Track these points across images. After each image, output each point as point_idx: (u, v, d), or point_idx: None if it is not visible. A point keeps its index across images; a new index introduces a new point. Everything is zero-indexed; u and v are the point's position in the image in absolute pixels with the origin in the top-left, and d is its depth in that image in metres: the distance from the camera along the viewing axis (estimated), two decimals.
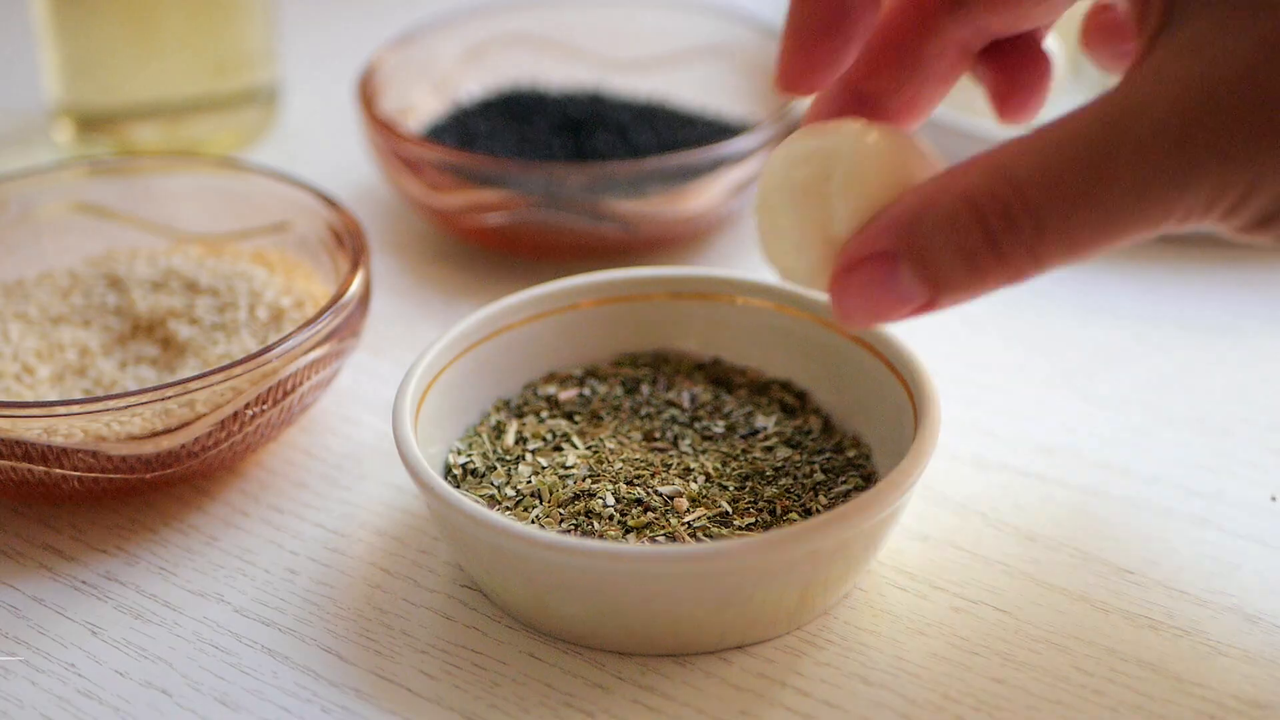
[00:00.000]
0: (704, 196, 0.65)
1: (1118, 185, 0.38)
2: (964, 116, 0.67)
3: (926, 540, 0.52)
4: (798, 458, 0.51)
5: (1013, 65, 0.46)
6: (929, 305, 0.40)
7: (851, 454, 0.52)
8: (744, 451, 0.51)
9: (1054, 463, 0.55)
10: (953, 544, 0.52)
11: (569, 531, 0.47)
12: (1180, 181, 0.38)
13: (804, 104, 0.68)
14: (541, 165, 0.66)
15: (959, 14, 0.44)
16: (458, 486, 0.50)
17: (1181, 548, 0.51)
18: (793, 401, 0.54)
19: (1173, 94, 0.38)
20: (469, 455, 0.52)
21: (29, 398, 0.55)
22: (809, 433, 0.53)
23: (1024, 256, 0.39)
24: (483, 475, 0.51)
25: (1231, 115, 0.37)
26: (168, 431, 0.51)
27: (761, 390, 0.55)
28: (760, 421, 0.53)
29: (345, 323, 0.55)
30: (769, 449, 0.52)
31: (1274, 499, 0.53)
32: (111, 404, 0.51)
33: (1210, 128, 0.37)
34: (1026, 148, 0.39)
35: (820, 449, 0.52)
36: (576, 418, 0.53)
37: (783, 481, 0.50)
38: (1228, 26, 0.38)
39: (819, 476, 0.50)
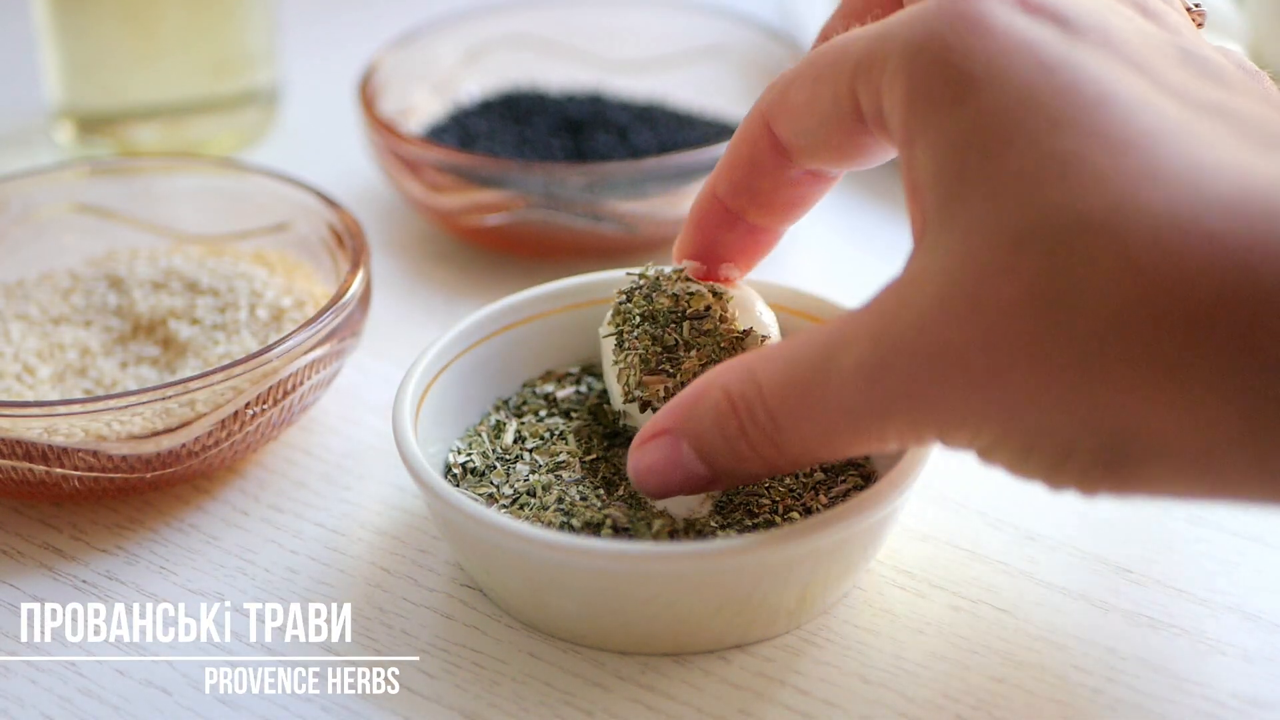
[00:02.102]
0: None
1: (830, 406, 0.42)
2: None
3: (926, 540, 0.52)
4: None
5: None
6: (711, 481, 0.45)
7: None
8: None
9: None
10: (953, 544, 0.52)
11: (566, 530, 0.47)
12: (879, 413, 0.41)
13: None
14: (541, 165, 0.66)
15: (790, 163, 0.47)
16: (457, 485, 0.50)
17: (1181, 547, 0.51)
18: None
19: (876, 329, 0.41)
20: (468, 454, 0.52)
21: (30, 397, 0.55)
22: None
23: (770, 448, 0.43)
24: (482, 474, 0.51)
25: (913, 362, 0.40)
26: (168, 431, 0.51)
27: None
28: None
29: (345, 323, 0.55)
30: None
31: None
32: (112, 404, 0.51)
33: (897, 370, 0.40)
34: (773, 355, 0.43)
35: None
36: (574, 415, 0.53)
37: (784, 480, 0.50)
38: (925, 262, 0.40)
39: (819, 476, 0.50)
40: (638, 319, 0.49)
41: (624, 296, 0.50)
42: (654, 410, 0.48)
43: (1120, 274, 0.37)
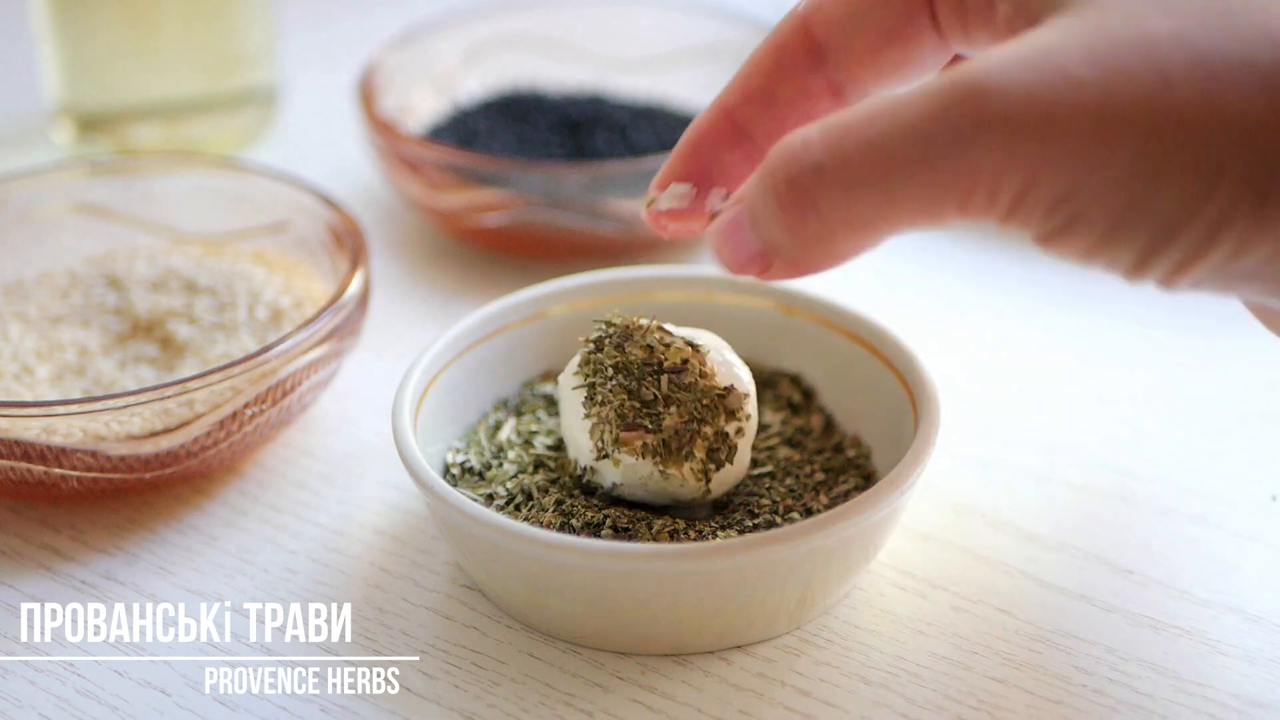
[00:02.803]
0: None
1: (905, 137, 0.37)
2: None
3: (926, 540, 0.52)
4: (798, 457, 0.51)
5: None
6: (765, 260, 0.41)
7: (851, 454, 0.52)
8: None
9: (1054, 463, 0.55)
10: (953, 544, 0.51)
11: (565, 531, 0.47)
12: (965, 143, 0.36)
13: None
14: (541, 165, 0.66)
15: (817, 69, 0.45)
16: (455, 485, 0.50)
17: (1181, 548, 0.51)
18: (798, 399, 0.54)
19: (980, 64, 0.37)
20: (466, 454, 0.52)
21: (28, 397, 0.55)
22: (809, 432, 0.53)
23: (806, 209, 0.39)
24: (480, 474, 0.51)
25: (1024, 87, 0.36)
26: (167, 431, 0.51)
27: (768, 384, 0.55)
28: (766, 418, 0.53)
29: (344, 322, 0.55)
30: (769, 448, 0.52)
31: (1274, 499, 0.53)
32: (111, 404, 0.51)
33: (1003, 95, 0.36)
34: (850, 110, 0.39)
35: (820, 449, 0.52)
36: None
37: (785, 481, 0.50)
38: (1058, 29, 0.38)
39: (819, 476, 0.50)
40: (610, 370, 0.47)
41: (592, 345, 0.48)
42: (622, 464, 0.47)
43: None
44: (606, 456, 0.47)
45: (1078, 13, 0.37)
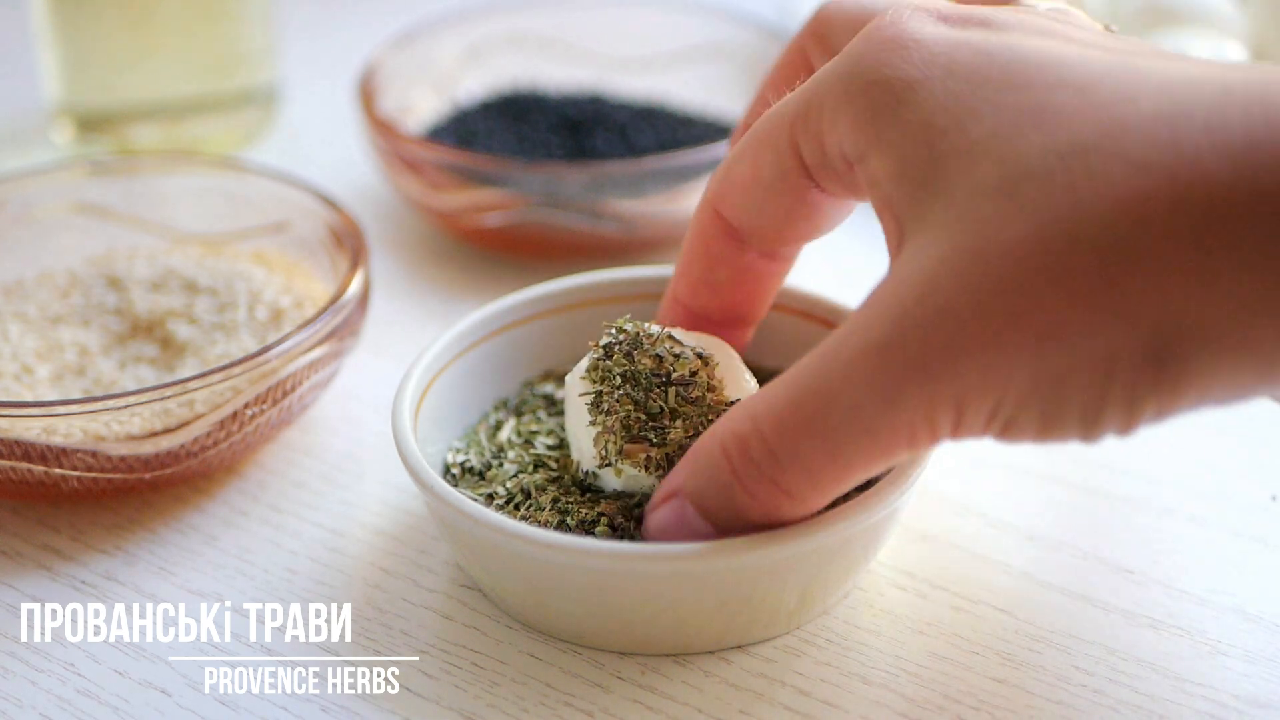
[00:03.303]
0: None
1: (835, 409, 0.40)
2: None
3: (926, 540, 0.52)
4: None
5: None
6: (720, 535, 0.44)
7: None
8: None
9: (1054, 463, 0.55)
10: (953, 544, 0.51)
11: (562, 529, 0.47)
12: (891, 400, 0.39)
13: None
14: (541, 165, 0.66)
15: (742, 248, 0.48)
16: (455, 485, 0.50)
17: (1181, 548, 0.51)
18: None
19: (871, 317, 0.40)
20: (466, 454, 0.52)
21: (28, 397, 0.55)
22: None
23: (769, 489, 0.42)
24: (480, 474, 0.51)
25: (922, 331, 0.39)
26: (167, 431, 0.51)
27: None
28: None
29: (344, 322, 0.55)
30: None
31: (1274, 499, 0.53)
32: (111, 404, 0.51)
33: (904, 345, 0.39)
34: (771, 387, 0.42)
35: None
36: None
37: None
38: (914, 248, 0.40)
39: None
40: (618, 379, 0.47)
41: (602, 352, 0.48)
42: (626, 474, 0.47)
43: (1127, 175, 0.37)
44: (609, 465, 0.47)
45: (945, 227, 0.39)
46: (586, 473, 0.48)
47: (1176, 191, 0.37)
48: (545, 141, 0.71)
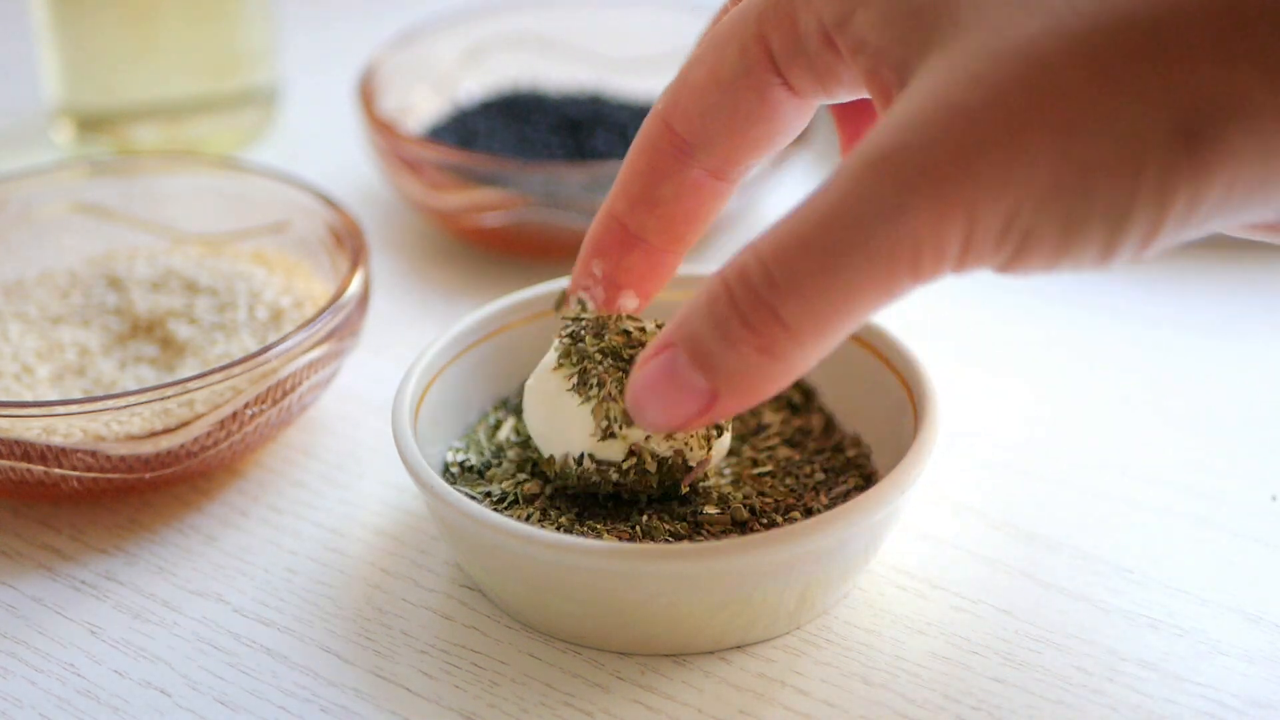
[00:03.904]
0: None
1: (834, 226, 0.37)
2: None
3: (926, 540, 0.52)
4: (798, 457, 0.52)
5: (851, 116, 0.49)
6: (712, 398, 0.40)
7: (851, 454, 0.52)
8: (745, 451, 0.52)
9: (1054, 462, 0.55)
10: (953, 544, 0.51)
11: (562, 529, 0.47)
12: (895, 210, 0.36)
13: None
14: (541, 165, 0.66)
15: (690, 162, 0.46)
16: (454, 484, 0.50)
17: (1181, 548, 0.51)
18: (798, 399, 0.54)
19: (879, 128, 0.37)
20: (466, 454, 0.52)
21: (29, 397, 0.55)
22: (810, 432, 0.53)
23: (771, 322, 0.39)
24: (479, 473, 0.51)
25: (930, 132, 0.36)
26: (167, 431, 0.51)
27: None
28: (766, 418, 0.53)
29: (344, 323, 0.55)
30: (769, 448, 0.52)
31: (1274, 499, 0.53)
32: (111, 404, 0.51)
33: (910, 149, 0.36)
34: (775, 222, 0.39)
35: (820, 449, 0.52)
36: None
37: (785, 481, 0.50)
38: (930, 69, 0.37)
39: (819, 476, 0.50)
40: (598, 356, 0.47)
41: (570, 339, 0.48)
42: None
43: None
44: (613, 435, 0.47)
45: (945, 46, 0.37)
46: (581, 457, 0.47)
47: None
48: (545, 141, 0.71)
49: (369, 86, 0.70)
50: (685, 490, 0.48)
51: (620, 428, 0.46)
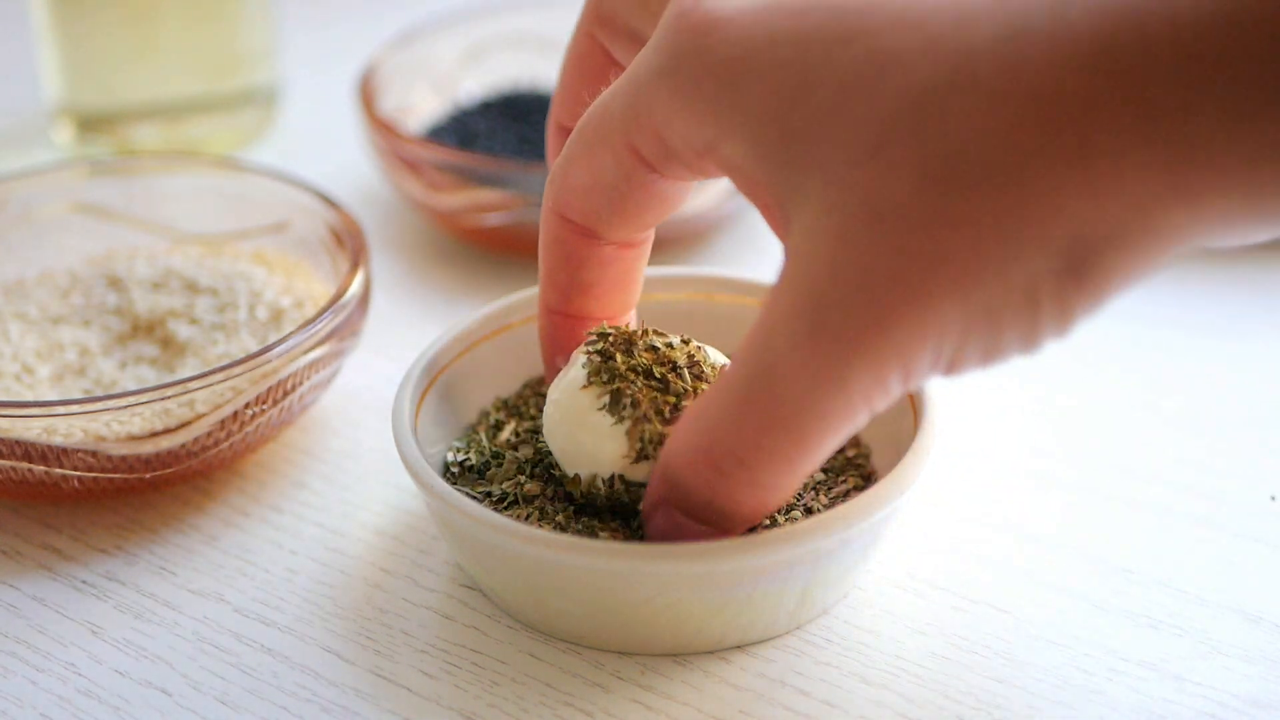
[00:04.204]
0: (703, 196, 0.65)
1: (786, 403, 0.40)
2: None
3: (926, 540, 0.52)
4: None
5: None
6: (723, 531, 0.44)
7: (851, 454, 0.52)
8: None
9: (1054, 463, 0.55)
10: (953, 544, 0.52)
11: (564, 529, 0.47)
12: (837, 381, 0.39)
13: None
14: (541, 165, 0.66)
15: (594, 242, 0.47)
16: (454, 484, 0.50)
17: (1181, 548, 0.51)
18: None
19: (793, 304, 0.40)
20: (466, 454, 0.52)
21: (29, 397, 0.55)
22: None
23: (748, 490, 0.42)
24: (480, 473, 0.51)
25: (845, 311, 0.39)
26: (167, 431, 0.51)
27: None
28: None
29: (345, 322, 0.55)
30: None
31: (1274, 499, 0.53)
32: (111, 404, 0.51)
33: (833, 328, 0.39)
34: (707, 398, 0.42)
35: None
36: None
37: None
38: (814, 224, 0.39)
39: (819, 476, 0.50)
40: (630, 375, 0.47)
41: (599, 357, 0.47)
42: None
43: (990, 107, 0.37)
44: (647, 458, 0.46)
45: (817, 195, 0.39)
46: (611, 480, 0.47)
47: (1041, 111, 0.36)
48: (545, 142, 0.71)
49: (369, 86, 0.70)
50: None
51: (654, 449, 0.46)
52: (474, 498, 0.49)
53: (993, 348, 0.39)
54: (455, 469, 0.51)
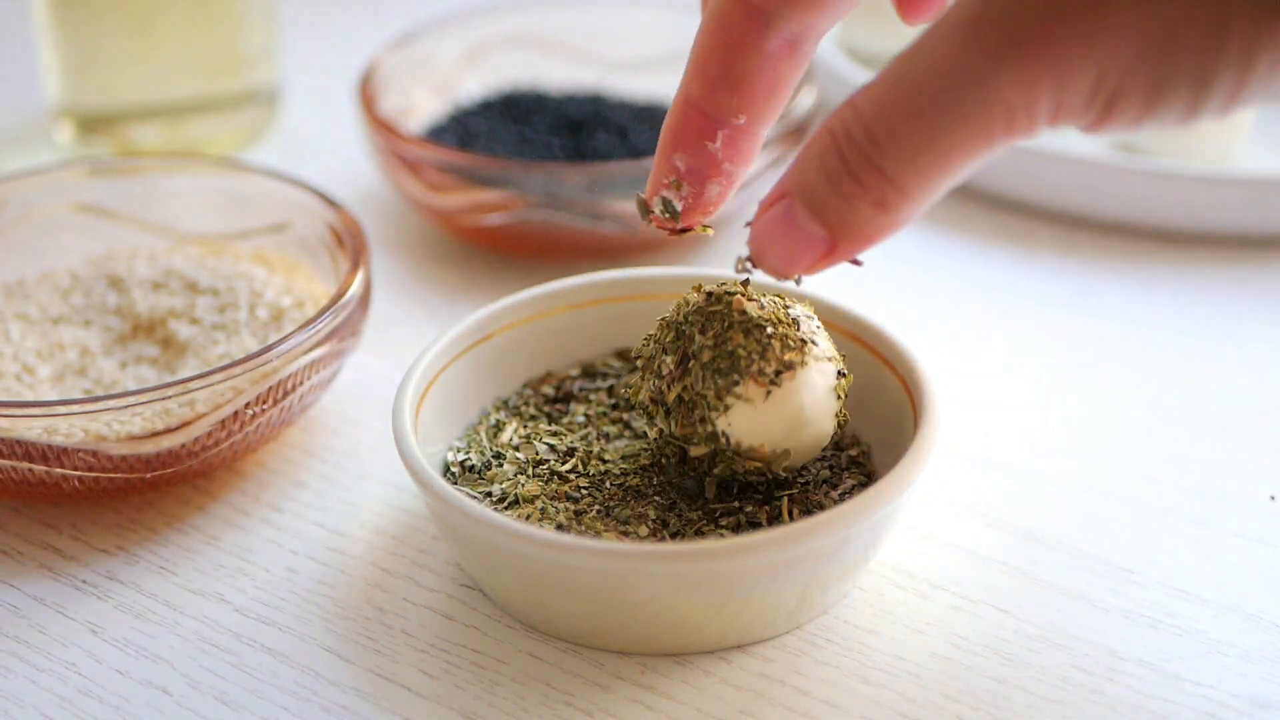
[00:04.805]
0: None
1: (927, 89, 0.38)
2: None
3: (926, 540, 0.52)
4: None
5: None
6: (831, 246, 0.42)
7: (853, 453, 0.52)
8: None
9: (1054, 463, 0.55)
10: (953, 544, 0.52)
11: (564, 529, 0.47)
12: (985, 77, 0.37)
13: (803, 105, 0.68)
14: (541, 165, 0.66)
15: (766, 32, 0.45)
16: (455, 484, 0.50)
17: (1181, 547, 0.51)
18: None
19: (962, 5, 0.38)
20: (466, 453, 0.52)
21: (29, 397, 0.55)
22: None
23: (880, 179, 0.40)
24: (480, 473, 0.51)
25: (1017, 11, 0.37)
26: (168, 431, 0.51)
27: None
28: None
29: (345, 322, 0.55)
30: None
31: (1274, 499, 0.53)
32: (112, 404, 0.51)
33: (997, 15, 0.37)
34: (875, 78, 0.40)
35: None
36: (579, 413, 0.53)
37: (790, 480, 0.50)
38: None
39: (825, 474, 0.50)
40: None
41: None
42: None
43: None
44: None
45: None
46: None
47: None
48: (545, 142, 0.71)
49: (369, 86, 0.70)
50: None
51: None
52: (474, 497, 0.49)
53: (1162, 85, 0.36)
54: (455, 469, 0.51)
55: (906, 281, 0.66)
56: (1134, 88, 0.37)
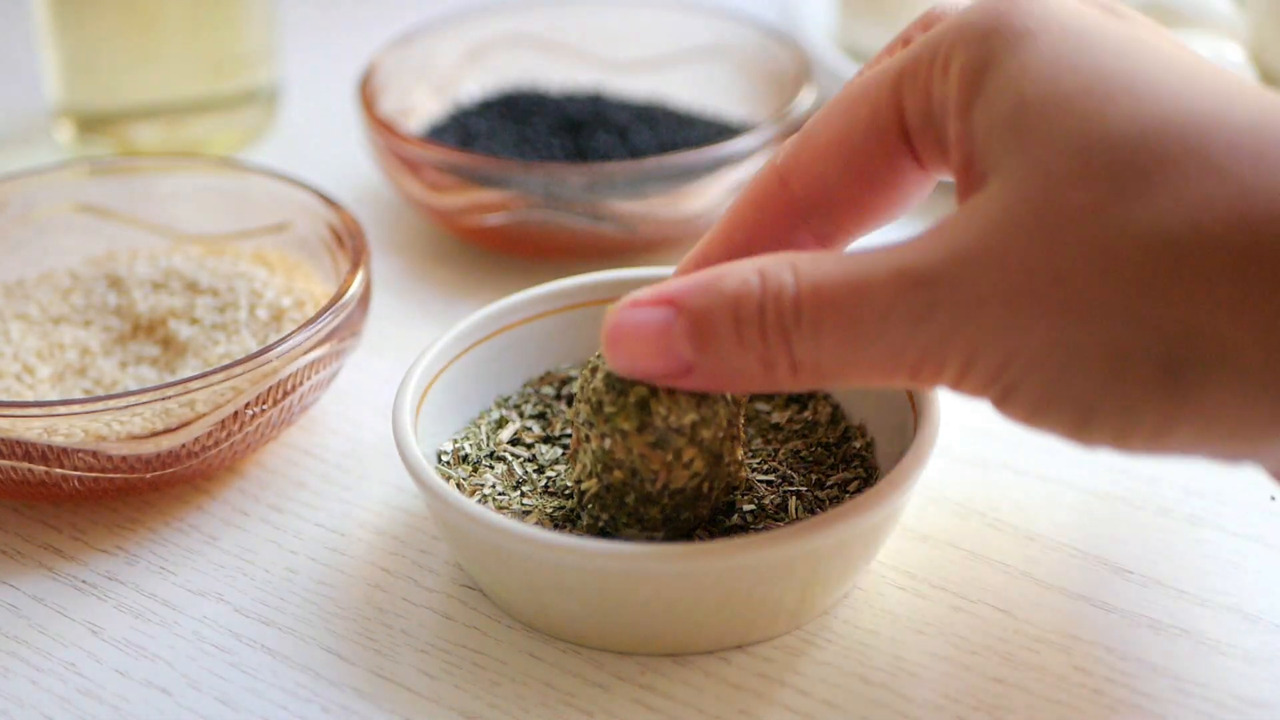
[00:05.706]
0: (704, 197, 0.65)
1: (867, 305, 0.39)
2: None
3: (926, 540, 0.52)
4: (804, 451, 0.51)
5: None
6: (687, 372, 0.42)
7: (858, 444, 0.52)
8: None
9: (1054, 463, 0.55)
10: (953, 544, 0.52)
11: (562, 529, 0.47)
12: (917, 321, 0.39)
13: (803, 105, 0.68)
14: (541, 165, 0.66)
15: (800, 224, 0.46)
16: (447, 471, 0.50)
17: (1181, 548, 0.51)
18: (802, 395, 0.54)
19: (935, 243, 0.39)
20: (461, 444, 0.52)
21: (29, 397, 0.55)
22: (816, 425, 0.53)
23: (781, 346, 0.41)
24: (475, 464, 0.51)
25: (969, 271, 0.38)
26: (168, 431, 0.51)
27: None
28: (774, 417, 0.53)
29: (345, 323, 0.55)
30: (774, 448, 0.52)
31: (1274, 499, 0.53)
32: (112, 404, 0.51)
33: (948, 279, 0.39)
34: (822, 257, 0.41)
35: (825, 441, 0.52)
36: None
37: (787, 482, 0.50)
38: (994, 193, 0.39)
39: (828, 465, 0.50)
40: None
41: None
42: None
43: (1200, 175, 0.36)
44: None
45: (1004, 180, 0.39)
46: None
47: (1242, 209, 0.36)
48: (545, 142, 0.71)
49: (369, 86, 0.70)
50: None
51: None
52: (469, 482, 0.49)
53: (1049, 398, 0.38)
54: (446, 457, 0.51)
55: None
56: (1028, 387, 0.38)
